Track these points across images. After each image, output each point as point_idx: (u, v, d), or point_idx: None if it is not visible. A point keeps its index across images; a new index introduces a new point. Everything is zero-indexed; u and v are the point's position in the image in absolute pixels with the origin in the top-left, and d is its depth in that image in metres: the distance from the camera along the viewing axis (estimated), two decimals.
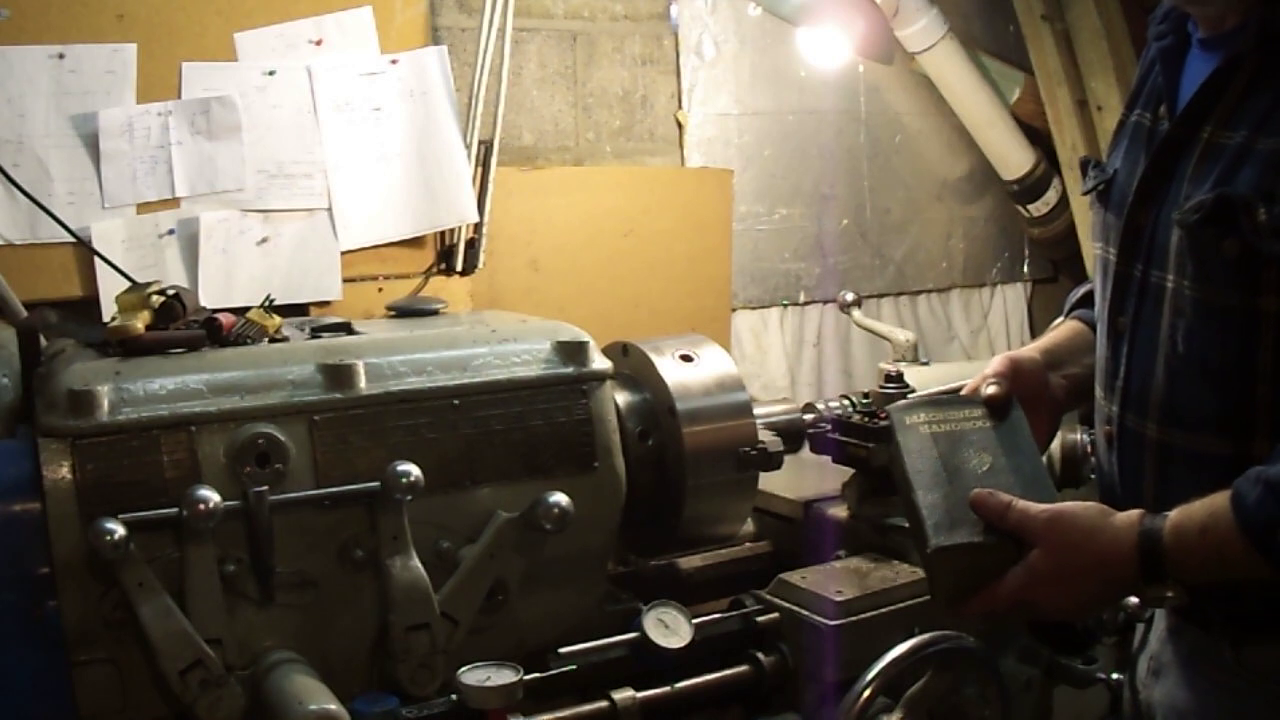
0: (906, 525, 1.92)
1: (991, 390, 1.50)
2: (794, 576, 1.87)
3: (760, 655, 1.80)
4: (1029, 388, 1.55)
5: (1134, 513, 1.31)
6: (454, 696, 1.60)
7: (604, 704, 1.67)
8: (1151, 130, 1.47)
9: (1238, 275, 1.29)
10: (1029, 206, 3.47)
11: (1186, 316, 1.34)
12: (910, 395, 2.00)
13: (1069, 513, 1.33)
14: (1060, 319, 1.78)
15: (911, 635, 1.64)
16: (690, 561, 2.09)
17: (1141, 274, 1.43)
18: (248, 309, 1.87)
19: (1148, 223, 1.42)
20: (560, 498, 1.69)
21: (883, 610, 1.79)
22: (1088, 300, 1.69)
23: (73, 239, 2.21)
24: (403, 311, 2.16)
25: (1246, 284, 1.29)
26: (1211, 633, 1.41)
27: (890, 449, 1.49)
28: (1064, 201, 3.39)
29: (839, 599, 1.77)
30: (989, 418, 1.48)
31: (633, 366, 2.02)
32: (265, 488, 1.57)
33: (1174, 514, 1.28)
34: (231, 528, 1.56)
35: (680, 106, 3.05)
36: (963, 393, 1.57)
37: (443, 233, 2.59)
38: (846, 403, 2.29)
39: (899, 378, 2.08)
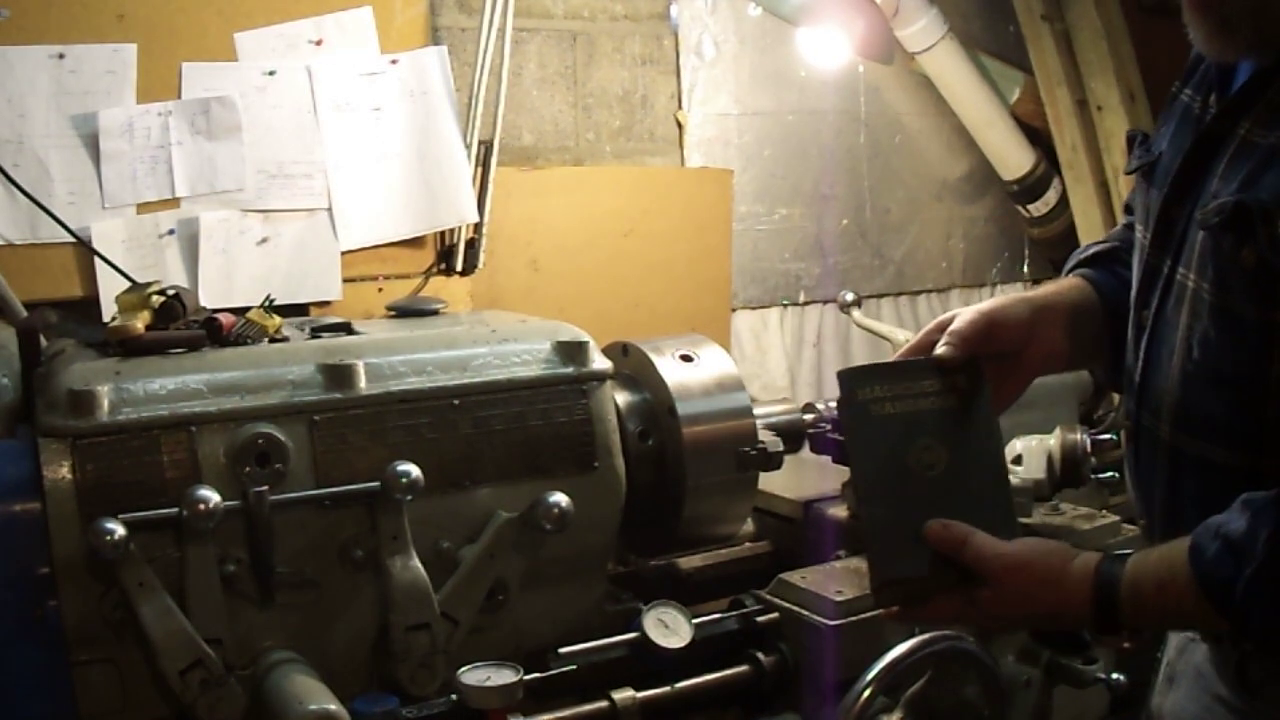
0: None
1: (944, 351, 1.38)
2: (794, 576, 1.87)
3: (760, 655, 1.80)
4: (1003, 346, 1.44)
5: (1090, 561, 1.27)
6: (454, 696, 1.60)
7: (604, 704, 1.67)
8: (1199, 118, 1.39)
9: (1254, 286, 1.23)
10: (1029, 206, 3.47)
11: (1203, 321, 1.29)
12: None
13: (1027, 561, 1.28)
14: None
15: (911, 635, 1.64)
16: (690, 561, 2.09)
17: (1169, 269, 1.36)
18: (248, 309, 1.87)
19: (1180, 216, 1.35)
20: (560, 498, 1.69)
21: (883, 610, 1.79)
22: (1097, 260, 1.59)
23: (73, 239, 2.21)
24: (403, 311, 2.16)
25: (1263, 296, 1.23)
26: (1222, 647, 1.38)
27: (841, 421, 1.39)
28: (1064, 201, 3.39)
29: (839, 599, 1.77)
30: (948, 392, 1.36)
31: (633, 366, 2.02)
32: (265, 488, 1.57)
33: (1130, 565, 1.24)
34: (231, 528, 1.56)
35: (680, 106, 3.05)
36: (911, 345, 1.45)
37: (443, 233, 2.59)
38: None
39: None
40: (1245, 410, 1.26)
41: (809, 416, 2.24)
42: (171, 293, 1.78)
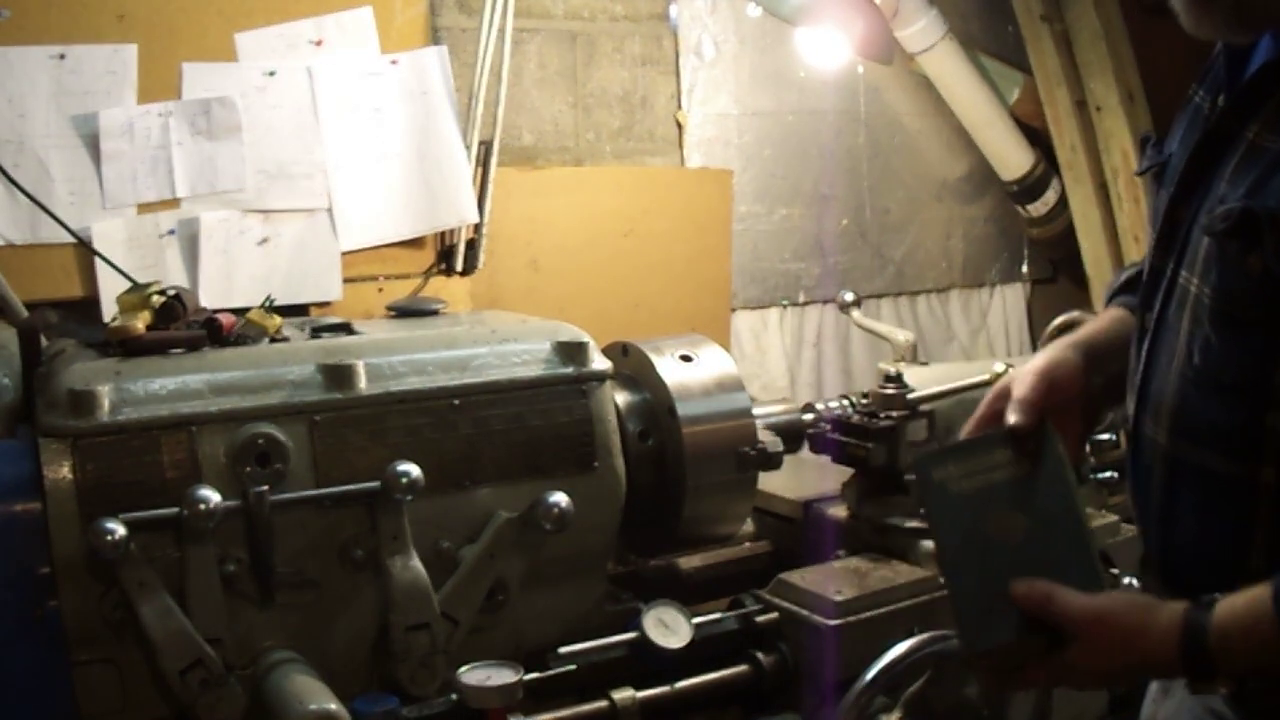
0: (907, 526, 1.93)
1: (1016, 420, 1.38)
2: (794, 576, 1.87)
3: (760, 655, 1.80)
4: (1066, 398, 1.44)
5: (1177, 611, 1.23)
6: (454, 696, 1.60)
7: (604, 704, 1.68)
8: (1208, 118, 1.36)
9: (1259, 293, 1.20)
10: (1028, 207, 3.47)
11: (1204, 327, 1.27)
12: (938, 443, 1.88)
13: (1112, 612, 1.25)
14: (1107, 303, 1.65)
15: (911, 635, 1.65)
16: (690, 561, 2.09)
17: (1172, 272, 1.34)
18: (248, 309, 1.87)
19: (1186, 218, 1.33)
20: (560, 498, 1.69)
21: (883, 610, 1.79)
22: (1133, 286, 1.56)
23: (73, 239, 2.21)
24: (403, 311, 2.17)
25: (1267, 303, 1.20)
26: None
27: (922, 507, 1.41)
28: (1063, 202, 3.39)
29: (839, 599, 1.77)
30: (1021, 461, 1.36)
31: (633, 366, 2.02)
32: (265, 488, 1.57)
33: (1218, 611, 1.21)
34: (231, 528, 1.56)
35: (680, 107, 3.05)
36: (977, 419, 1.46)
37: (443, 233, 2.59)
38: (846, 403, 2.29)
39: (898, 378, 2.08)
40: (1245, 419, 1.24)
41: (809, 416, 2.24)
42: (172, 293, 1.79)
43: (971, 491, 1.35)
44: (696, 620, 1.78)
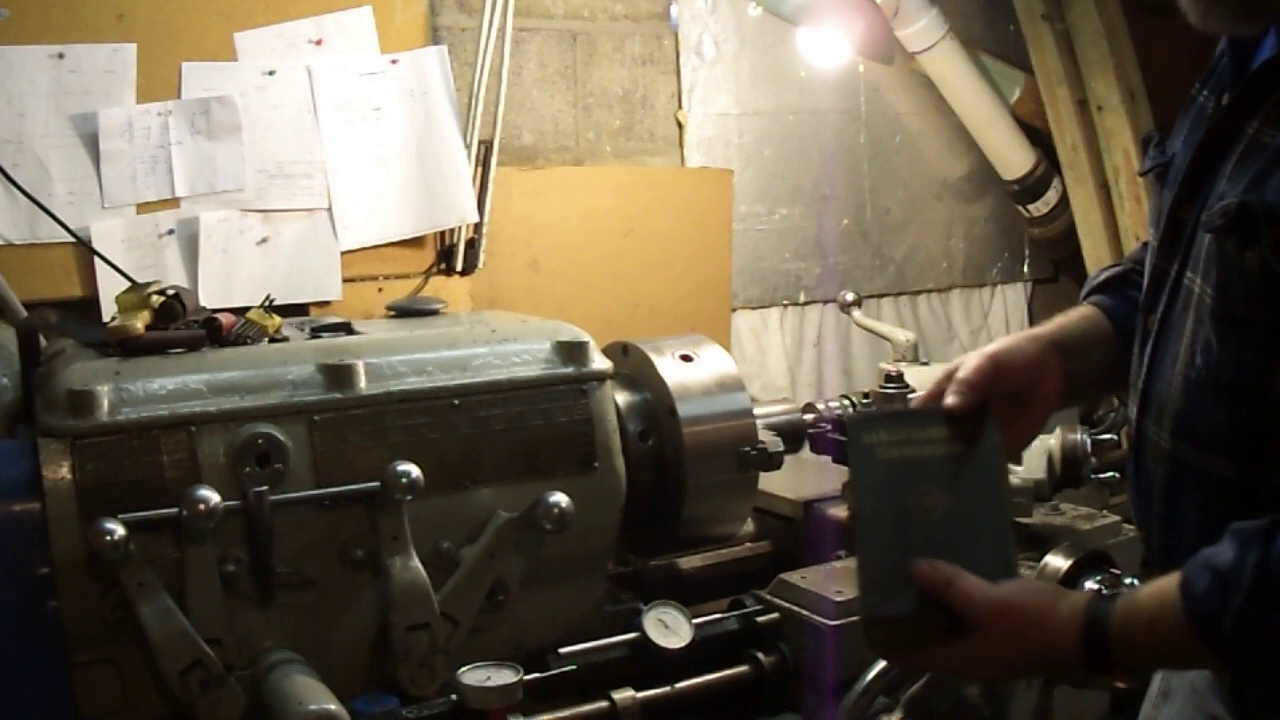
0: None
1: (952, 401, 1.37)
2: (794, 576, 1.87)
3: (760, 655, 1.80)
4: (1013, 386, 1.43)
5: (1079, 600, 1.23)
6: (454, 696, 1.60)
7: (604, 704, 1.67)
8: (1210, 117, 1.34)
9: (1259, 291, 1.18)
10: (1029, 206, 3.46)
11: (1206, 327, 1.25)
12: (876, 407, 1.91)
13: (1011, 603, 1.24)
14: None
15: None
16: (690, 561, 2.09)
17: (1176, 273, 1.32)
18: (248, 309, 1.87)
19: (1189, 218, 1.31)
20: (560, 498, 1.69)
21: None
22: (1110, 286, 1.57)
23: (73, 239, 2.21)
24: (403, 311, 2.16)
25: (1266, 302, 1.18)
26: None
27: (848, 466, 1.39)
28: (1064, 201, 3.39)
29: (839, 599, 1.77)
30: (955, 440, 1.36)
31: (633, 366, 2.02)
32: (265, 488, 1.57)
33: (1121, 603, 1.20)
34: (231, 528, 1.56)
35: (680, 106, 3.05)
36: (924, 395, 1.45)
37: (443, 233, 2.59)
38: (846, 403, 2.29)
39: (899, 378, 2.08)
40: (1247, 422, 1.22)
41: (809, 416, 2.24)
42: (171, 293, 1.78)
43: (900, 460, 1.34)
44: (697, 620, 1.78)
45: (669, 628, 1.75)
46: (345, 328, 1.92)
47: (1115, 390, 1.63)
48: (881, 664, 1.60)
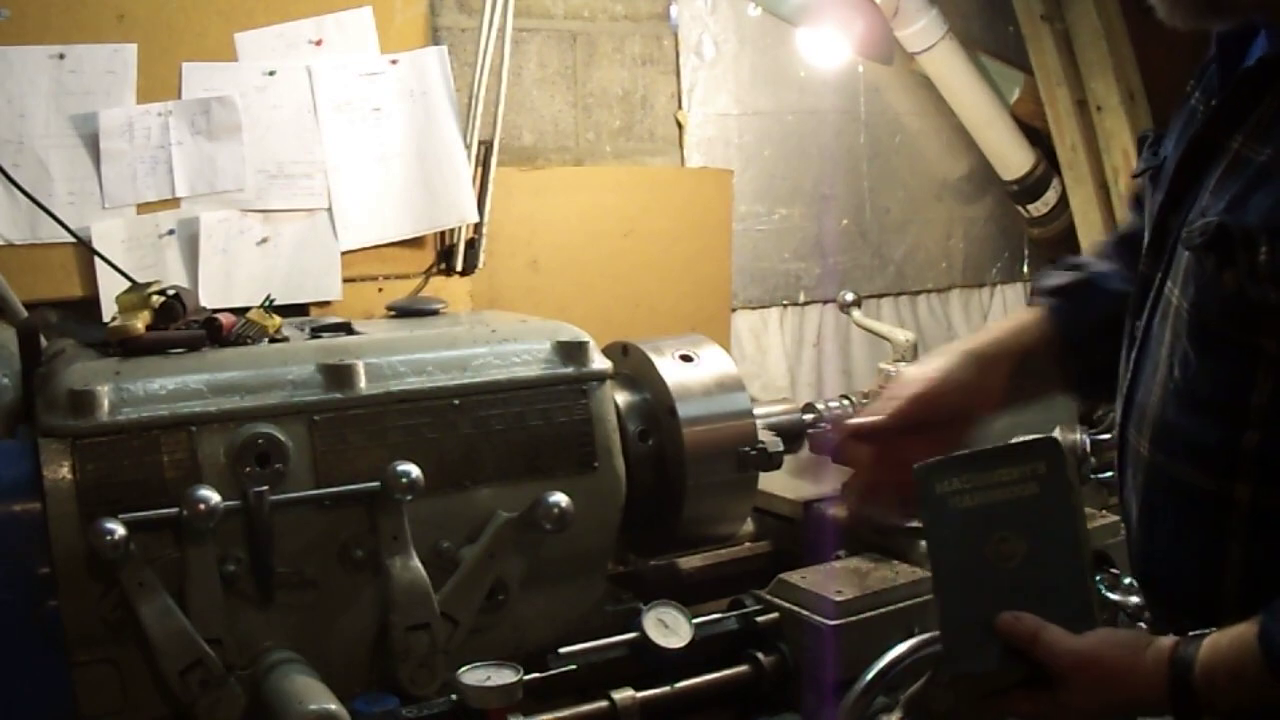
0: (908, 526, 1.92)
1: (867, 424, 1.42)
2: (794, 576, 1.87)
3: (760, 655, 1.80)
4: (951, 409, 1.44)
5: (1164, 649, 1.20)
6: (454, 696, 1.60)
7: (604, 704, 1.67)
8: (1198, 121, 1.31)
9: (1235, 310, 1.17)
10: (1029, 206, 3.46)
11: (1183, 341, 1.25)
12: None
13: (1098, 655, 1.23)
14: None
15: (911, 635, 1.64)
16: (690, 561, 2.09)
17: (1160, 281, 1.31)
18: (248, 309, 1.87)
19: (1174, 228, 1.29)
20: (560, 498, 1.69)
21: (882, 610, 1.79)
22: (1064, 293, 1.55)
23: (73, 239, 2.21)
24: (403, 311, 2.17)
25: (1241, 322, 1.17)
26: None
27: (920, 517, 1.36)
28: (1064, 201, 3.39)
29: (839, 599, 1.77)
30: (1028, 480, 1.32)
31: (633, 366, 2.02)
32: (265, 488, 1.57)
33: (1204, 653, 1.18)
34: (231, 528, 1.56)
35: (680, 106, 3.05)
36: (879, 408, 1.46)
37: (443, 233, 2.59)
38: (846, 403, 2.29)
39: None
40: (1221, 436, 1.22)
41: (809, 416, 2.24)
42: (171, 293, 1.78)
43: (974, 509, 1.31)
44: (696, 620, 1.78)
45: (669, 628, 1.75)
46: (345, 328, 1.92)
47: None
48: (881, 664, 1.60)
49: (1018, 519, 1.31)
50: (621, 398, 1.94)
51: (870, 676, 1.60)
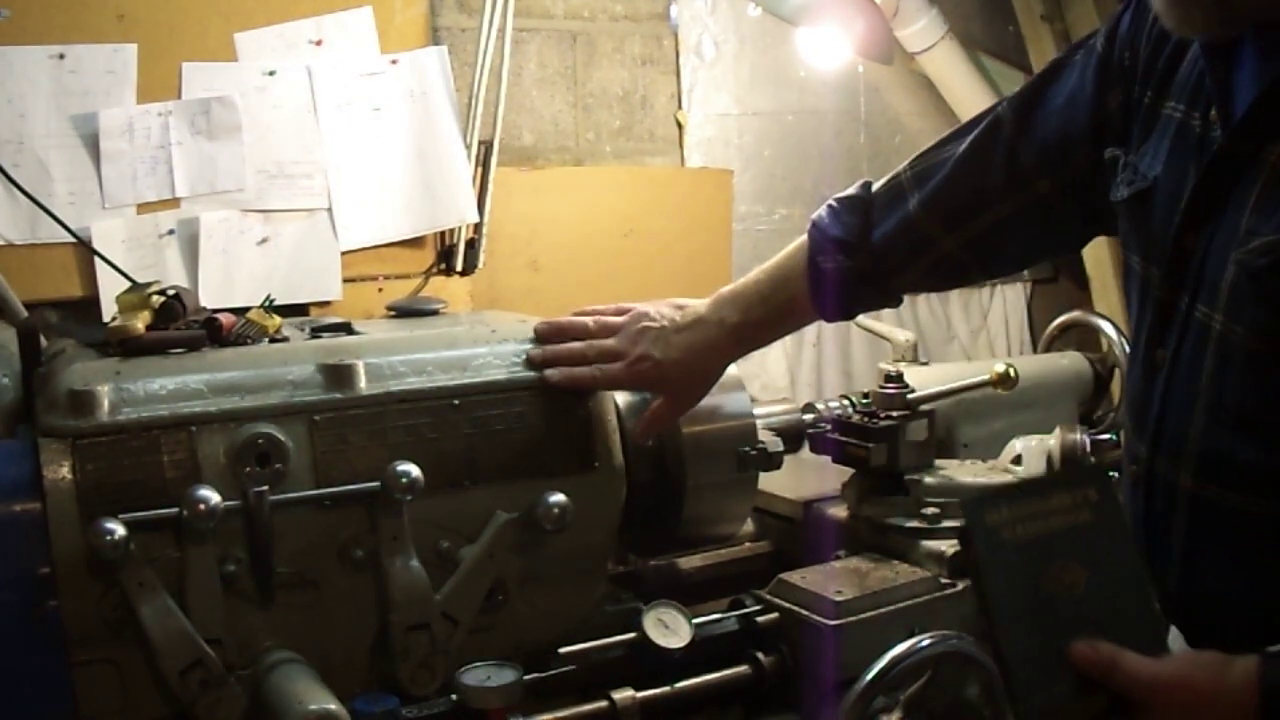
0: (907, 526, 1.92)
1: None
2: (794, 576, 1.87)
3: (760, 655, 1.80)
4: (682, 384, 1.60)
5: (1250, 668, 1.17)
6: (454, 696, 1.60)
7: (604, 704, 1.67)
8: (1203, 138, 1.28)
9: None
10: None
11: (1236, 365, 1.21)
12: (990, 484, 1.86)
13: (1184, 678, 1.20)
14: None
15: (911, 635, 1.64)
16: (690, 561, 2.09)
17: (1187, 306, 1.28)
18: (248, 309, 1.87)
19: (1197, 249, 1.26)
20: (560, 498, 1.69)
21: (883, 610, 1.79)
22: (847, 247, 1.74)
23: (73, 239, 2.21)
24: (403, 311, 2.16)
25: None
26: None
27: (969, 554, 1.32)
28: None
29: (839, 599, 1.77)
30: (1080, 507, 1.29)
31: None
32: (265, 488, 1.57)
33: None
34: (231, 528, 1.56)
35: (680, 107, 3.05)
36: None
37: (443, 233, 2.59)
38: (846, 403, 2.29)
39: (899, 378, 2.08)
40: None
41: (809, 416, 2.24)
42: (171, 293, 1.78)
43: (1028, 539, 1.28)
44: (697, 620, 1.78)
45: (669, 628, 1.75)
46: (345, 328, 1.92)
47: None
48: (881, 664, 1.60)
49: (1075, 547, 1.28)
50: (621, 397, 1.94)
51: (870, 676, 1.59)
